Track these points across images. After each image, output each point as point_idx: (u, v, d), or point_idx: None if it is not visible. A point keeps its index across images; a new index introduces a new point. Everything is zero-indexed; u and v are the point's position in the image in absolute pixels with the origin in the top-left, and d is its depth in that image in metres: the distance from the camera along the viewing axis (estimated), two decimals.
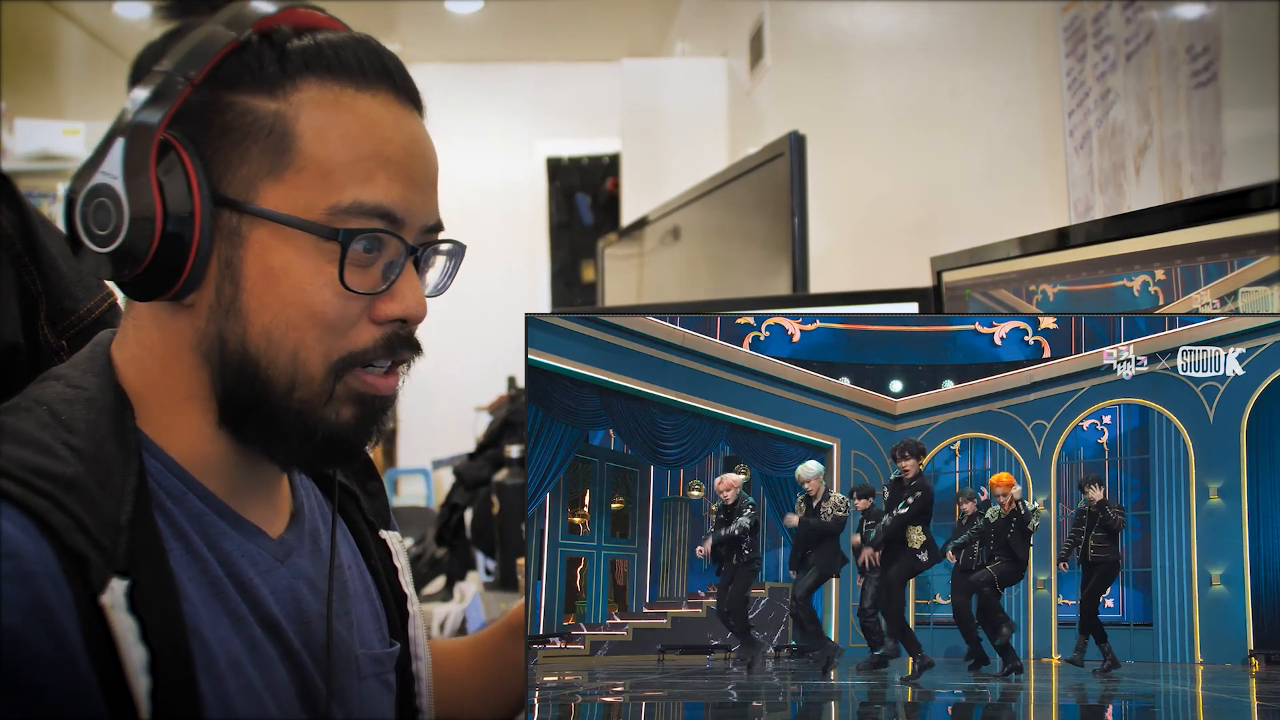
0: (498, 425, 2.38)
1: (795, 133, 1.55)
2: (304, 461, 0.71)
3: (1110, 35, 1.22)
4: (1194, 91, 1.06)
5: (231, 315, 0.65)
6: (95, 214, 0.63)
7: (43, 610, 0.54)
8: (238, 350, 0.65)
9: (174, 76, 0.63)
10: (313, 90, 0.65)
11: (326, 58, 0.66)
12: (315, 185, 0.64)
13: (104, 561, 0.57)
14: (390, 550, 0.85)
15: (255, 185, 0.65)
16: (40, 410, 0.62)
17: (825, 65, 2.52)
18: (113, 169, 0.63)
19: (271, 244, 0.64)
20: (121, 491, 0.60)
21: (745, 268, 1.85)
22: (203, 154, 0.64)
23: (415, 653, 0.84)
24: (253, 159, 0.64)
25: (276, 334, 0.65)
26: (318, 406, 0.66)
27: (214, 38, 0.65)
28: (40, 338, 0.80)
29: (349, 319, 0.66)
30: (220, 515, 0.67)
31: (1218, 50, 1.02)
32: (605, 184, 5.50)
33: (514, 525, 1.71)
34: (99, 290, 0.84)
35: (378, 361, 0.68)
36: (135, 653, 0.57)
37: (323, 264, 0.65)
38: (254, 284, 0.65)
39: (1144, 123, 1.16)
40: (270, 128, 0.64)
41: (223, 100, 0.65)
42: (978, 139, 1.66)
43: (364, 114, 0.66)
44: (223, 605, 0.65)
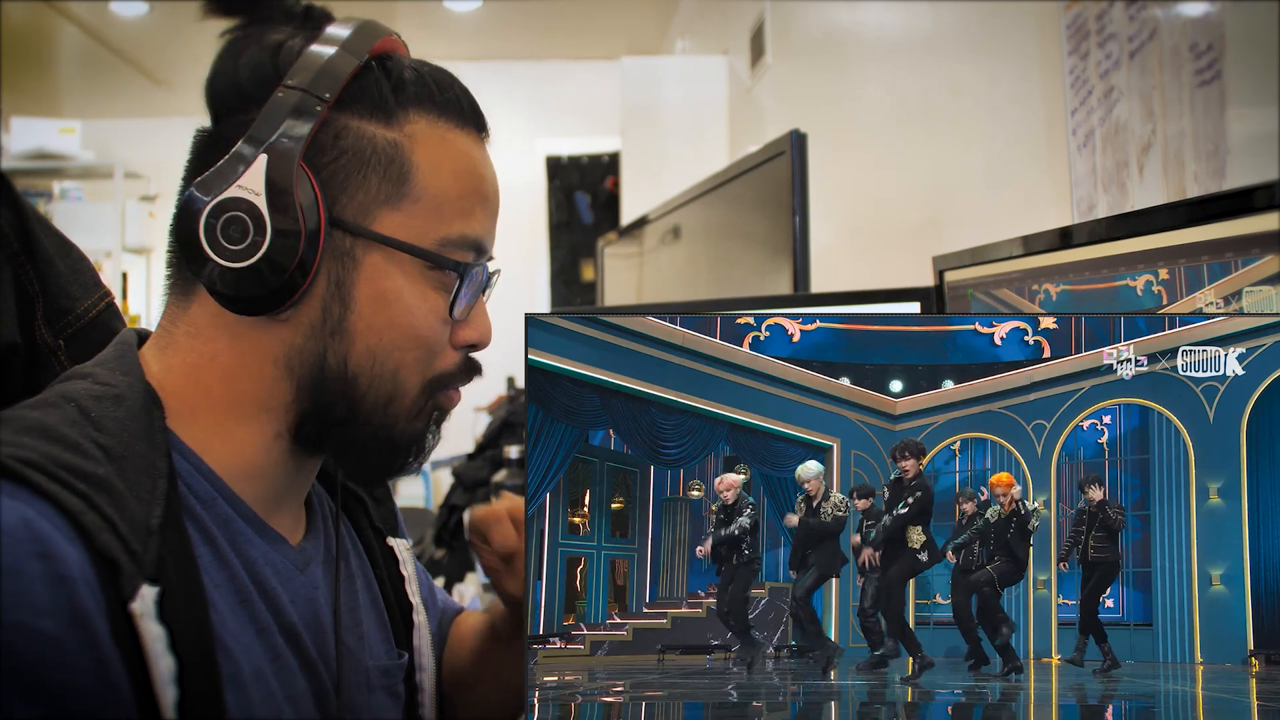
0: (497, 426, 2.37)
1: (796, 131, 1.55)
2: (374, 472, 0.74)
3: (1113, 33, 1.21)
4: (1198, 90, 1.06)
5: (338, 335, 0.67)
6: (226, 228, 0.64)
7: (78, 615, 0.53)
8: (338, 368, 0.67)
9: (310, 96, 0.64)
10: (423, 124, 0.68)
11: (434, 94, 0.69)
12: (428, 216, 0.68)
13: (135, 567, 0.56)
14: (398, 558, 0.85)
15: (372, 211, 0.67)
16: (68, 406, 0.61)
17: (827, 63, 2.51)
18: (253, 184, 0.63)
19: (385, 269, 0.67)
20: (151, 494, 0.59)
21: (746, 267, 1.84)
22: (320, 175, 0.65)
23: (420, 663, 0.83)
24: (370, 186, 0.66)
25: (381, 355, 0.67)
26: (404, 421, 0.69)
27: (341, 60, 0.66)
28: (37, 337, 0.80)
29: (442, 344, 0.70)
30: (247, 522, 0.67)
31: (1221, 48, 1.02)
32: (605, 183, 5.49)
33: None
34: (96, 290, 0.83)
35: (456, 382, 0.72)
36: (164, 662, 0.56)
37: (429, 291, 0.68)
38: (364, 306, 0.67)
39: (1147, 121, 1.15)
40: (391, 157, 0.67)
41: (339, 123, 0.66)
42: (980, 137, 1.66)
43: (466, 151, 0.70)
44: (248, 613, 0.65)
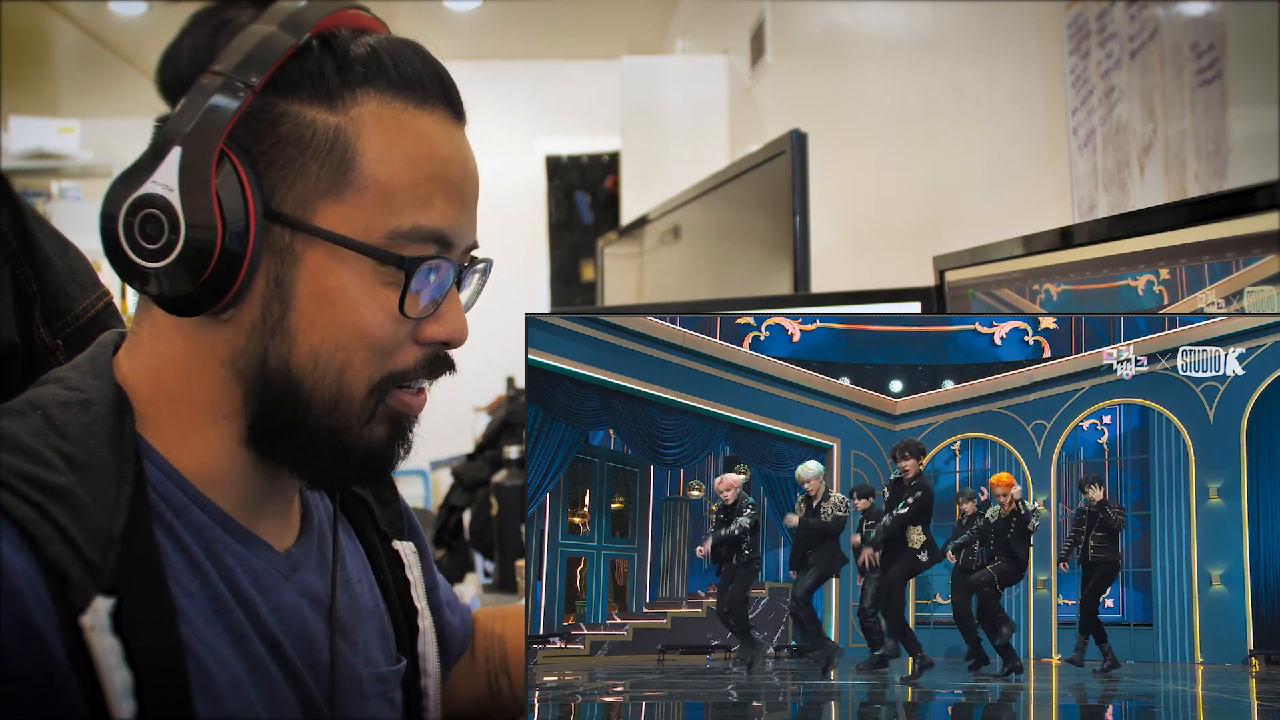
0: (496, 426, 2.37)
1: (797, 130, 1.55)
2: (334, 479, 0.70)
3: (1114, 32, 1.21)
4: (1199, 89, 1.05)
5: (278, 334, 0.63)
6: (143, 226, 0.60)
7: (28, 629, 0.52)
8: (280, 369, 0.63)
9: (234, 82, 0.60)
10: (373, 104, 0.63)
11: (387, 70, 0.63)
12: (376, 207, 0.62)
13: (88, 578, 0.54)
14: (403, 562, 0.83)
15: (313, 203, 0.62)
16: (34, 415, 0.60)
17: (827, 62, 2.51)
18: (167, 179, 0.59)
19: (328, 265, 0.62)
20: (116, 501, 0.58)
21: (746, 267, 1.84)
22: (255, 165, 0.61)
23: (424, 669, 0.82)
24: (310, 175, 0.62)
25: (324, 355, 0.63)
26: (355, 426, 0.65)
27: (273, 40, 0.61)
28: (35, 337, 0.80)
29: (397, 341, 0.65)
30: (225, 529, 0.65)
31: (1223, 47, 1.02)
32: (605, 182, 5.49)
33: (513, 527, 1.70)
34: (94, 289, 0.83)
35: (416, 381, 0.67)
36: (117, 675, 0.54)
37: (377, 287, 0.63)
38: (305, 304, 0.62)
39: (1148, 121, 1.15)
40: (332, 144, 0.62)
41: (277, 109, 0.62)
42: (980, 137, 1.66)
43: (423, 133, 0.64)
44: (223, 622, 0.63)
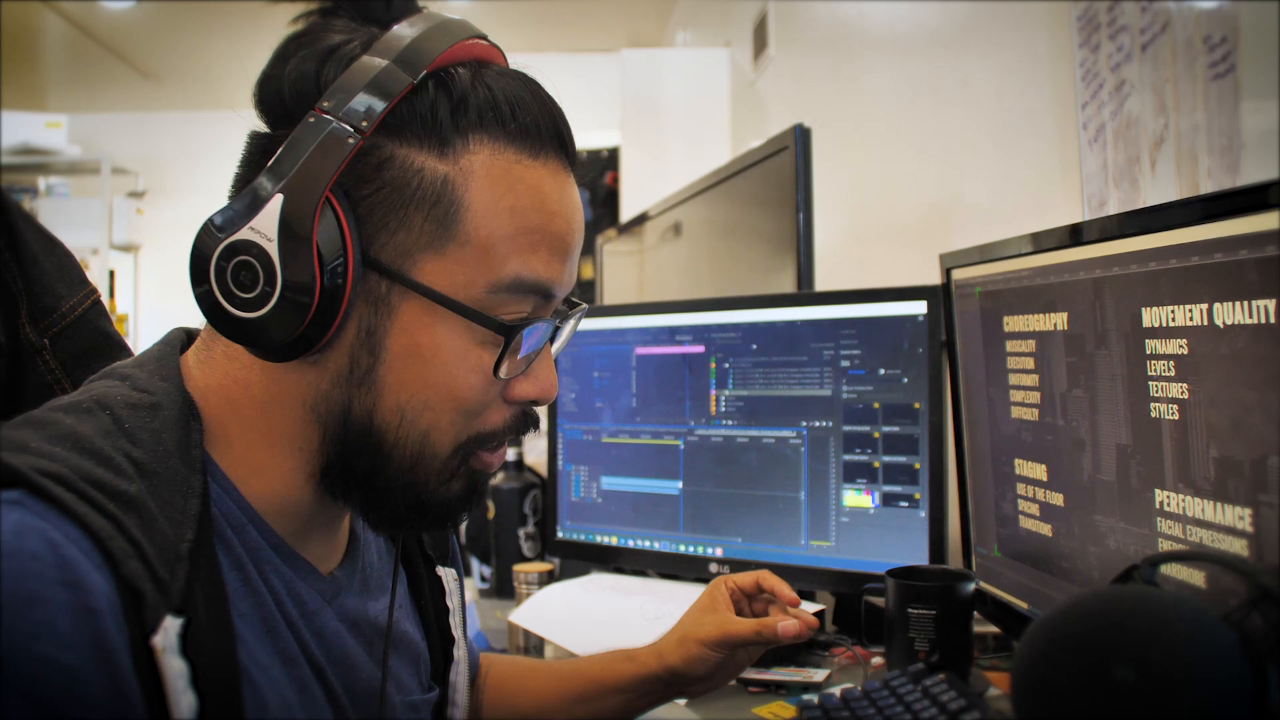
0: None
1: (800, 125, 1.52)
2: (401, 528, 0.67)
3: (1125, 25, 1.19)
4: (1211, 83, 1.03)
5: (364, 386, 0.59)
6: (236, 274, 0.57)
7: (102, 650, 0.49)
8: (362, 420, 0.60)
9: (344, 125, 0.56)
10: (485, 154, 0.59)
11: (505, 119, 0.60)
12: (477, 262, 0.59)
13: (160, 596, 0.51)
14: (444, 589, 0.80)
15: (413, 255, 0.58)
16: (103, 415, 0.56)
17: (832, 55, 2.49)
18: (266, 229, 0.56)
19: (423, 320, 0.59)
20: (183, 514, 0.55)
21: (749, 265, 1.82)
22: (356, 209, 0.58)
23: (453, 699, 0.79)
24: (414, 226, 0.58)
25: (411, 413, 0.60)
26: (433, 483, 0.62)
27: (388, 79, 0.57)
28: (21, 336, 0.78)
29: (487, 402, 0.62)
30: (275, 550, 0.62)
31: (1236, 40, 1.00)
32: (604, 178, 5.45)
33: (509, 531, 1.68)
34: (82, 287, 0.81)
35: (501, 441, 0.64)
36: (184, 700, 0.52)
37: (472, 346, 0.60)
38: (396, 359, 0.59)
39: (1160, 115, 1.13)
40: (439, 196, 0.58)
41: (385, 151, 0.58)
42: (989, 132, 1.63)
43: (534, 185, 0.61)
44: (274, 644, 0.61)
